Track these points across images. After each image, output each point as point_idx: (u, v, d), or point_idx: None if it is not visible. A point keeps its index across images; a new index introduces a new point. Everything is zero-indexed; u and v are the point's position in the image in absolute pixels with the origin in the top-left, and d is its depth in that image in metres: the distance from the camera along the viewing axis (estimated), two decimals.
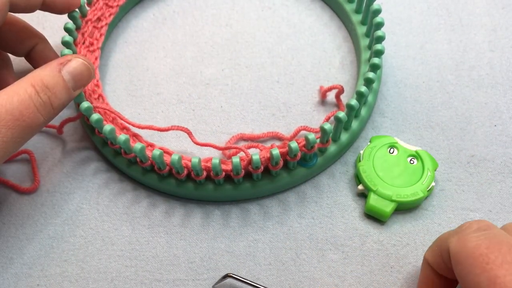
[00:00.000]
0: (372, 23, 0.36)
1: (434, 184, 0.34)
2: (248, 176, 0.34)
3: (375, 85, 0.37)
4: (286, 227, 0.34)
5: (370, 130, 0.38)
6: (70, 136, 0.38)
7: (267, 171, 0.34)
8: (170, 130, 0.34)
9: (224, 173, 0.33)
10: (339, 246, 0.33)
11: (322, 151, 0.35)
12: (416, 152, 0.35)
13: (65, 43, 0.35)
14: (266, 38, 0.42)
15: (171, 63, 0.41)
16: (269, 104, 0.39)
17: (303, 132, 0.36)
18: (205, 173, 0.33)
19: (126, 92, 0.40)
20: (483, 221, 0.26)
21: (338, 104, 0.38)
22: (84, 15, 0.39)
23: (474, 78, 0.40)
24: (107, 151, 0.36)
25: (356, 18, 0.40)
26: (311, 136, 0.31)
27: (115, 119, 0.36)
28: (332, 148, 0.35)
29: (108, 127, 0.32)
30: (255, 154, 0.32)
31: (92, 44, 0.39)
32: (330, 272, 0.33)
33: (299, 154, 0.32)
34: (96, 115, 0.32)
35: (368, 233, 0.34)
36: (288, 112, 0.39)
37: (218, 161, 0.32)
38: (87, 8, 0.40)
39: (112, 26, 0.42)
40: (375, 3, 0.36)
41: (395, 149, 0.35)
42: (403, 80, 0.40)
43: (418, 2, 0.44)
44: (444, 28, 0.42)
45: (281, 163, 0.32)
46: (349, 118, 0.34)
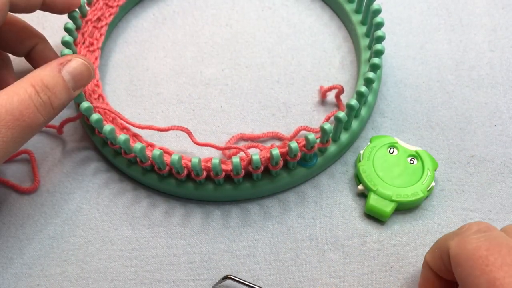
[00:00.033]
0: (372, 23, 0.36)
1: (434, 184, 0.34)
2: (248, 176, 0.34)
3: (375, 85, 0.37)
4: (286, 227, 0.34)
5: (370, 130, 0.38)
6: (70, 136, 0.38)
7: (267, 171, 0.34)
8: (170, 130, 0.34)
9: (224, 173, 0.33)
10: (339, 246, 0.33)
11: (322, 151, 0.35)
12: (416, 152, 0.35)
13: (65, 43, 0.35)
14: (266, 38, 0.42)
15: (171, 63, 0.41)
16: (269, 104, 0.39)
17: (303, 132, 0.36)
18: (205, 173, 0.33)
19: (126, 92, 0.40)
20: (483, 223, 0.26)
21: (338, 104, 0.38)
22: (84, 15, 0.39)
23: (474, 78, 0.40)
24: (107, 151, 0.36)
25: (356, 18, 0.40)
26: (311, 136, 0.31)
27: (115, 119, 0.36)
28: (332, 148, 0.35)
29: (108, 127, 0.32)
30: (255, 154, 0.32)
31: (92, 44, 0.39)
32: (330, 272, 0.33)
33: (299, 154, 0.32)
34: (96, 115, 0.32)
35: (368, 233, 0.34)
36: (288, 112, 0.39)
37: (218, 161, 0.32)
38: (87, 8, 0.40)
39: (112, 26, 0.42)
40: (375, 3, 0.36)
41: (395, 149, 0.35)
42: (403, 80, 0.40)
43: (418, 2, 0.44)
44: (444, 28, 0.42)
45: (281, 163, 0.32)
46: (349, 118, 0.34)
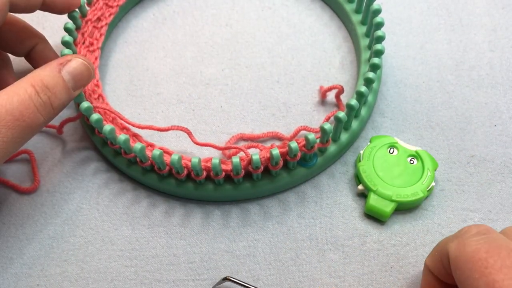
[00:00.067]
0: (372, 23, 0.36)
1: (434, 184, 0.34)
2: (248, 176, 0.34)
3: (375, 85, 0.37)
4: (286, 227, 0.34)
5: (370, 130, 0.38)
6: (70, 136, 0.38)
7: (267, 171, 0.34)
8: (170, 130, 0.34)
9: (224, 173, 0.33)
10: (339, 246, 0.33)
11: (322, 151, 0.35)
12: (416, 152, 0.35)
13: (65, 43, 0.35)
14: (266, 38, 0.42)
15: (171, 63, 0.41)
16: (269, 104, 0.39)
17: (303, 132, 0.36)
18: (205, 173, 0.33)
19: (126, 92, 0.40)
20: (482, 225, 0.26)
21: (338, 104, 0.38)
22: (84, 15, 0.39)
23: (474, 78, 0.40)
24: (107, 151, 0.36)
25: (356, 18, 0.40)
26: (311, 136, 0.31)
27: (115, 119, 0.36)
28: (332, 148, 0.35)
29: (108, 127, 0.32)
30: (255, 154, 0.32)
31: (92, 44, 0.39)
32: (330, 272, 0.33)
33: (299, 154, 0.32)
34: (96, 115, 0.32)
35: (368, 233, 0.34)
36: (288, 112, 0.39)
37: (218, 161, 0.32)
38: (87, 8, 0.40)
39: (112, 26, 0.42)
40: (375, 3, 0.36)
41: (395, 149, 0.35)
42: (403, 80, 0.40)
43: (418, 2, 0.44)
44: (444, 28, 0.42)
45: (281, 163, 0.32)
46: (349, 118, 0.34)
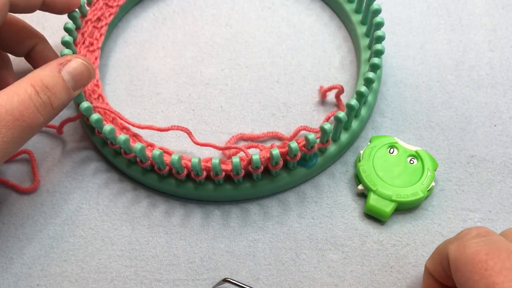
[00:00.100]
0: (372, 23, 0.36)
1: (434, 184, 0.34)
2: (248, 176, 0.34)
3: (375, 85, 0.37)
4: (286, 227, 0.34)
5: (370, 130, 0.38)
6: (70, 136, 0.38)
7: (267, 171, 0.34)
8: (170, 130, 0.34)
9: (224, 173, 0.33)
10: (339, 246, 0.33)
11: (322, 151, 0.35)
12: (416, 152, 0.35)
13: (65, 43, 0.35)
14: (266, 38, 0.42)
15: (171, 63, 0.41)
16: (269, 104, 0.39)
17: (303, 132, 0.36)
18: (205, 173, 0.33)
19: (126, 92, 0.40)
20: (482, 227, 0.26)
21: (338, 104, 0.38)
22: (84, 15, 0.39)
23: (474, 78, 0.40)
24: (107, 151, 0.36)
25: (356, 18, 0.40)
26: (311, 136, 0.31)
27: (115, 119, 0.36)
28: (332, 148, 0.35)
29: (108, 127, 0.32)
30: (255, 154, 0.32)
31: (92, 44, 0.39)
32: (330, 272, 0.33)
33: (299, 154, 0.32)
34: (96, 115, 0.32)
35: (368, 233, 0.34)
36: (288, 112, 0.39)
37: (218, 161, 0.32)
38: (87, 8, 0.40)
39: (112, 26, 0.42)
40: (375, 3, 0.36)
41: (395, 149, 0.35)
42: (403, 80, 0.40)
43: (418, 2, 0.44)
44: (444, 28, 0.42)
45: (281, 163, 0.32)
46: (349, 118, 0.34)
